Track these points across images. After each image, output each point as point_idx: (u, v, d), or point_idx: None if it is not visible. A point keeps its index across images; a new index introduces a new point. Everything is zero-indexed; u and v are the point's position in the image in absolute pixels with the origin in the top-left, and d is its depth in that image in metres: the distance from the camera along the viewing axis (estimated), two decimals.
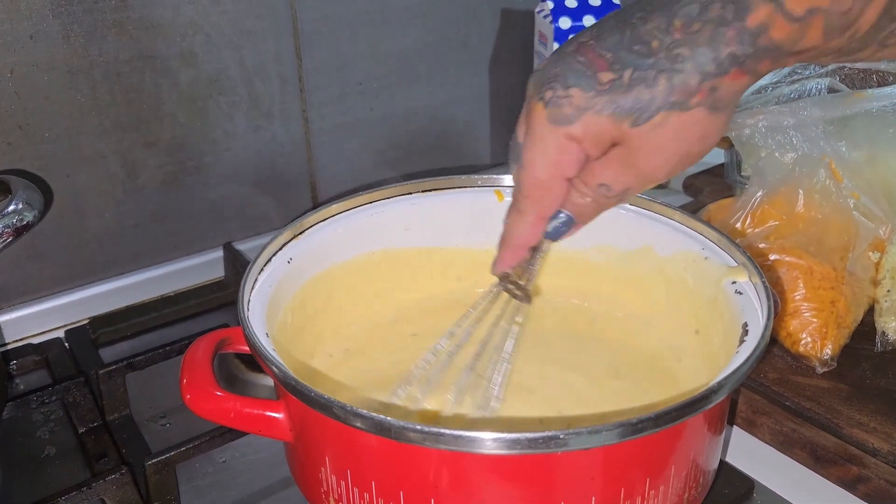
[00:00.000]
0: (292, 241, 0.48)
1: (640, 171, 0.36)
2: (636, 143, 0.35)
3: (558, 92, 0.34)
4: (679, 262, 0.49)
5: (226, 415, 0.38)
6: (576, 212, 0.39)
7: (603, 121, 0.34)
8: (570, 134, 0.35)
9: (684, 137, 0.34)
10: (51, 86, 0.62)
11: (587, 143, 0.35)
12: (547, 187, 0.37)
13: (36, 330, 0.66)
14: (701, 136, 0.35)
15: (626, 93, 0.34)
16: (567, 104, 0.34)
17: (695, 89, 0.33)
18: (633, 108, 0.34)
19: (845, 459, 0.49)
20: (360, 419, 0.33)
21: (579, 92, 0.34)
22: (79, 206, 0.66)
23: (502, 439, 0.31)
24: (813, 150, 0.59)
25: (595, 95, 0.34)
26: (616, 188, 0.37)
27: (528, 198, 0.38)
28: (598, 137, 0.35)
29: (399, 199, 0.53)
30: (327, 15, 0.73)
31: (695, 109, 0.34)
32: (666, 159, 0.35)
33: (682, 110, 0.34)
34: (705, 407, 0.34)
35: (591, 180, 0.37)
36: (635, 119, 0.34)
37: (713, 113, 0.34)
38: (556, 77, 0.35)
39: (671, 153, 0.35)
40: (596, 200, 0.38)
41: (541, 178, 0.37)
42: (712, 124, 0.34)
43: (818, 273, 0.57)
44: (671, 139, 0.34)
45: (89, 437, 0.53)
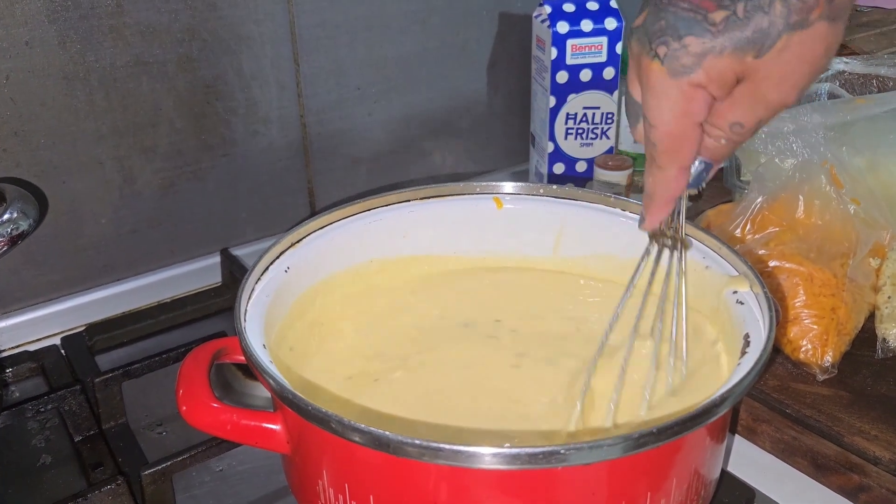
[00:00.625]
0: (289, 249, 0.48)
1: (770, 101, 0.35)
2: (763, 74, 0.34)
3: (672, 45, 0.34)
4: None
5: (222, 427, 0.38)
6: (712, 156, 0.38)
7: (725, 60, 0.33)
8: (694, 81, 0.34)
9: (810, 55, 0.33)
10: (47, 92, 0.62)
11: (713, 86, 0.34)
12: (683, 138, 0.36)
13: (32, 337, 0.65)
14: (826, 49, 0.34)
15: (744, 26, 0.33)
16: (684, 54, 0.34)
17: (813, 4, 0.32)
18: (754, 40, 0.33)
19: (846, 468, 0.49)
20: (357, 433, 0.32)
21: (694, 39, 0.33)
22: (75, 212, 0.66)
23: (501, 454, 0.31)
24: (813, 155, 0.59)
25: (712, 38, 0.33)
26: (749, 123, 0.36)
27: (667, 152, 0.37)
28: (722, 78, 0.34)
29: (397, 207, 0.52)
30: (325, 20, 0.73)
31: (816, 24, 0.33)
32: (795, 82, 0.34)
33: (804, 28, 0.33)
34: (708, 420, 0.34)
35: (722, 122, 0.36)
36: (758, 50, 0.33)
37: (833, 23, 0.33)
38: (663, 30, 0.34)
39: (800, 74, 0.34)
40: (730, 140, 0.37)
41: (675, 132, 0.36)
42: (834, 35, 0.33)
43: (819, 280, 0.57)
44: (798, 60, 0.33)
45: (85, 446, 0.53)
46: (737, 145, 0.38)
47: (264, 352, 0.38)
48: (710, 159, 0.38)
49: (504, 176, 0.90)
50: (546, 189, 0.54)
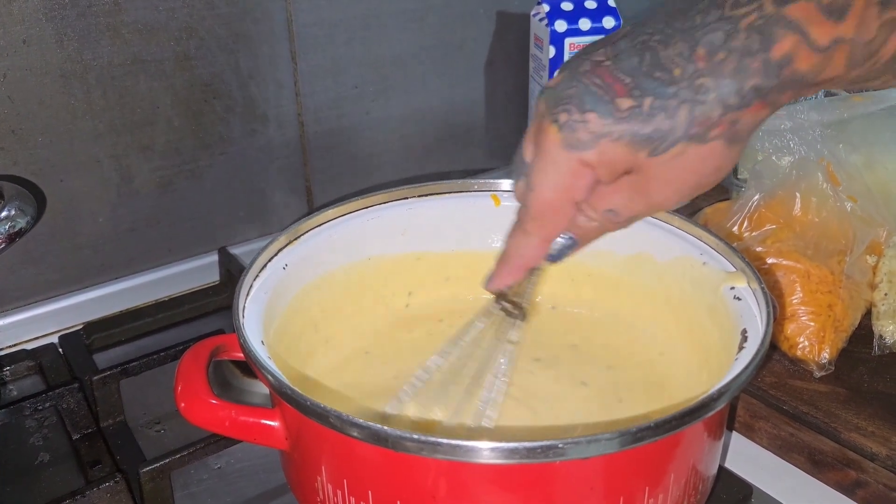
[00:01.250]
0: (287, 247, 0.48)
1: (650, 200, 0.35)
2: (651, 173, 0.34)
3: (574, 116, 0.34)
4: (677, 267, 0.48)
5: (221, 423, 0.38)
6: (579, 234, 0.38)
7: (619, 149, 0.33)
8: (585, 160, 0.34)
9: (699, 169, 0.34)
10: (44, 90, 0.62)
11: (600, 170, 0.35)
12: (556, 211, 0.37)
13: (29, 335, 0.65)
14: (715, 169, 0.34)
15: (645, 122, 0.33)
16: (583, 129, 0.33)
17: (716, 122, 0.32)
18: (651, 138, 0.33)
19: (843, 464, 0.49)
20: (356, 429, 0.32)
21: (596, 117, 0.33)
22: (73, 210, 0.66)
23: (500, 449, 0.31)
24: (810, 153, 0.59)
25: (613, 122, 0.33)
26: (624, 214, 0.36)
27: (536, 220, 0.37)
28: (612, 165, 0.34)
29: (395, 204, 0.52)
30: (323, 19, 0.73)
31: (713, 142, 0.33)
32: (678, 189, 0.35)
33: (700, 143, 0.33)
34: (705, 415, 0.34)
35: (599, 205, 0.36)
36: (653, 149, 0.33)
37: (730, 145, 0.33)
38: (570, 98, 0.34)
39: (684, 184, 0.34)
40: (602, 224, 0.37)
41: (551, 202, 0.36)
42: (728, 157, 0.34)
43: (816, 277, 0.57)
44: (686, 170, 0.34)
45: (83, 444, 0.53)
46: (605, 231, 0.38)
47: (262, 348, 0.38)
48: (578, 238, 0.38)
49: (502, 174, 0.90)
50: None
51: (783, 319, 0.56)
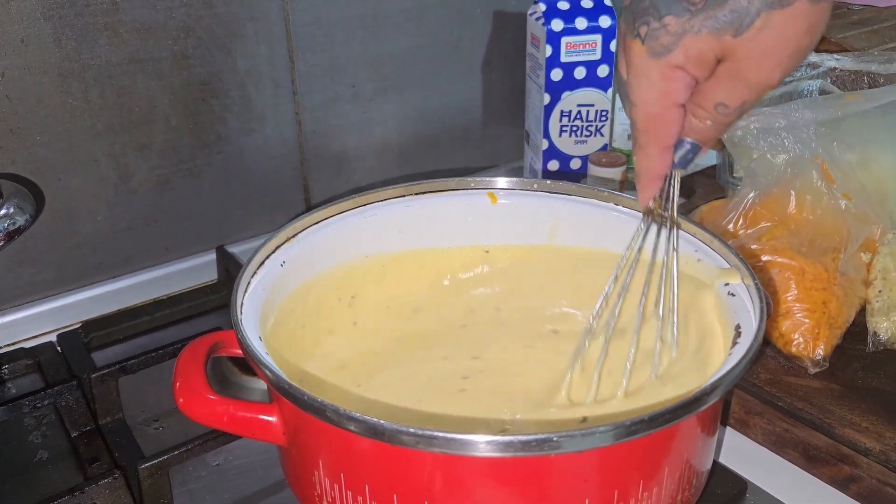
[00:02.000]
0: (285, 244, 0.48)
1: (752, 81, 0.35)
2: (742, 53, 0.34)
3: (653, 25, 0.34)
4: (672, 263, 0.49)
5: (219, 418, 0.38)
6: (699, 137, 0.38)
7: (703, 40, 0.33)
8: (673, 62, 0.34)
9: (791, 34, 0.33)
10: (42, 89, 0.62)
11: (692, 67, 0.35)
12: (662, 119, 0.37)
13: (28, 334, 0.65)
14: (808, 29, 0.33)
15: (721, 5, 0.33)
16: (664, 34, 0.34)
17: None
18: (731, 19, 0.33)
19: (837, 459, 0.49)
20: (353, 422, 0.33)
21: (673, 19, 0.34)
22: (71, 209, 0.66)
23: (495, 442, 0.31)
24: (805, 151, 0.60)
25: (690, 17, 0.33)
26: (733, 104, 0.36)
27: (646, 132, 0.38)
28: (701, 58, 0.34)
29: (392, 202, 0.53)
30: (320, 18, 0.73)
31: (796, 3, 0.32)
32: (776, 62, 0.34)
33: (783, 6, 0.32)
34: (699, 409, 0.34)
35: (706, 102, 0.36)
36: (736, 29, 0.33)
37: (815, 2, 0.33)
38: (647, 10, 0.34)
39: (780, 54, 0.34)
40: (716, 121, 0.37)
41: (654, 112, 0.37)
42: (816, 14, 0.33)
43: (810, 274, 0.57)
44: (778, 38, 0.33)
45: (82, 441, 0.53)
46: (724, 127, 0.38)
47: (260, 343, 0.39)
48: (697, 140, 0.38)
49: (499, 173, 0.91)
50: (540, 184, 0.54)
51: (778, 316, 0.57)
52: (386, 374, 0.47)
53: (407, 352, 0.49)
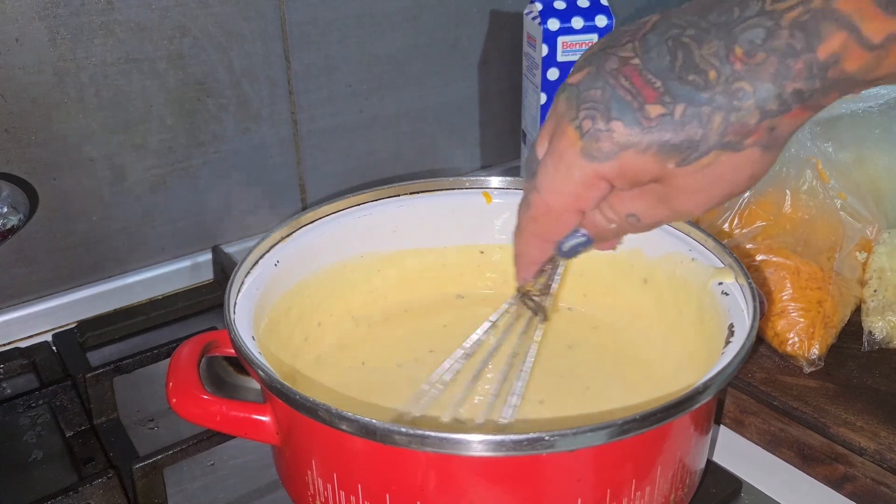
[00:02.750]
0: (280, 243, 0.48)
1: (676, 209, 0.33)
2: (678, 183, 0.31)
3: (598, 124, 0.31)
4: (667, 263, 0.49)
5: (212, 418, 0.38)
6: (596, 234, 0.36)
7: (645, 159, 0.31)
8: (602, 172, 0.32)
9: (732, 178, 0.31)
10: (37, 88, 0.62)
11: (620, 181, 0.32)
12: (560, 219, 0.34)
13: (23, 333, 0.65)
14: (749, 176, 0.32)
15: (676, 131, 0.30)
16: (606, 139, 0.31)
17: (752, 129, 0.30)
18: (682, 147, 0.30)
19: (832, 458, 0.49)
20: (345, 422, 0.32)
21: (622, 126, 0.31)
22: (66, 209, 0.66)
23: (488, 441, 0.31)
24: (800, 150, 0.60)
25: (640, 132, 0.30)
26: (646, 221, 0.34)
27: (536, 222, 0.35)
28: (635, 176, 0.32)
29: (387, 202, 0.53)
30: (316, 17, 0.73)
31: (748, 150, 0.30)
32: (708, 198, 0.32)
33: (734, 151, 0.30)
34: (691, 408, 0.34)
35: (619, 208, 0.34)
36: (683, 159, 0.31)
37: (766, 152, 0.31)
38: (595, 103, 0.31)
39: (715, 192, 0.32)
40: (621, 227, 0.35)
41: (555, 208, 0.34)
42: (763, 163, 0.31)
43: (805, 273, 0.57)
44: (718, 178, 0.31)
45: (77, 441, 0.53)
46: (624, 233, 0.36)
47: (253, 343, 0.39)
48: (594, 237, 0.36)
49: (495, 172, 0.91)
50: None
51: (773, 316, 0.57)
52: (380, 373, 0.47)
53: (403, 351, 0.49)
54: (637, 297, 0.51)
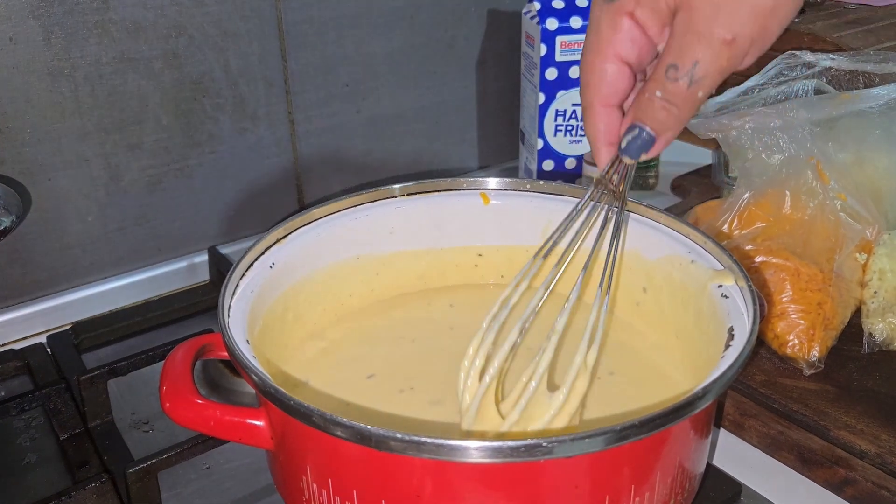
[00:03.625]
0: (275, 245, 0.47)
1: (708, 35, 0.31)
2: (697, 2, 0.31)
3: None
4: (665, 265, 0.48)
5: (206, 423, 0.38)
6: (647, 120, 0.34)
7: None
8: (625, 8, 0.33)
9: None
10: (31, 88, 0.61)
11: (643, 13, 0.32)
12: (602, 71, 0.34)
13: (17, 335, 0.65)
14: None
15: None
16: None
17: None
18: None
19: (832, 462, 0.49)
20: (340, 427, 0.32)
21: None
22: (61, 209, 0.66)
23: (485, 447, 0.31)
24: (800, 151, 0.59)
25: None
26: (684, 65, 0.32)
27: (587, 85, 0.35)
28: (654, 4, 0.32)
29: (384, 203, 0.52)
30: (313, 17, 0.73)
31: None
32: (731, 13, 0.31)
33: None
34: (690, 413, 0.33)
35: (657, 72, 0.33)
36: None
37: None
38: None
39: (736, 6, 0.31)
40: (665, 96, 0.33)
41: (594, 62, 0.34)
42: None
43: (805, 275, 0.57)
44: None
45: (71, 445, 0.53)
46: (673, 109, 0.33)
47: (247, 347, 0.38)
48: (646, 124, 0.34)
49: (493, 173, 0.90)
50: (533, 184, 0.54)
51: (773, 317, 0.56)
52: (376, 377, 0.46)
53: (398, 356, 0.49)
54: (636, 299, 0.51)
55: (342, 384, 0.45)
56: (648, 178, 0.87)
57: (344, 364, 0.47)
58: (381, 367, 0.47)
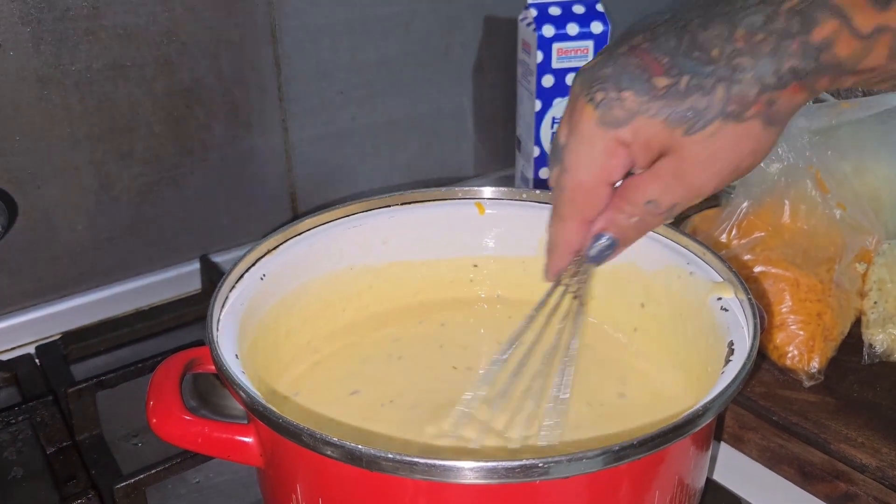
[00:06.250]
0: (265, 256, 0.46)
1: (689, 184, 0.35)
2: (687, 153, 0.34)
3: (610, 94, 0.34)
4: (663, 277, 0.48)
5: (193, 440, 0.37)
6: (619, 234, 0.37)
7: (656, 126, 0.33)
8: (620, 137, 0.34)
9: (736, 149, 0.34)
10: (20, 95, 0.60)
11: (636, 149, 0.34)
12: (591, 192, 0.36)
13: (5, 346, 0.64)
14: (753, 150, 0.34)
15: (682, 99, 0.33)
16: (619, 107, 0.34)
17: (752, 100, 0.33)
18: (687, 116, 0.33)
19: (833, 476, 0.48)
20: (330, 447, 0.31)
21: (633, 95, 0.33)
22: (50, 218, 0.65)
23: (479, 468, 0.30)
24: (799, 160, 0.59)
25: (650, 100, 0.33)
26: (664, 203, 0.36)
27: (571, 202, 0.37)
28: (648, 143, 0.34)
29: (377, 213, 0.51)
30: (307, 23, 0.72)
31: (750, 121, 0.33)
32: (716, 171, 0.34)
33: (737, 121, 0.33)
34: (690, 431, 0.33)
35: (638, 197, 0.36)
36: (689, 127, 0.33)
37: (767, 127, 0.33)
38: (607, 78, 0.34)
39: (722, 165, 0.34)
40: (642, 219, 0.37)
41: (585, 183, 0.36)
42: (765, 138, 0.34)
43: (805, 285, 0.56)
44: (723, 150, 0.34)
45: (58, 458, 0.52)
46: (646, 227, 0.37)
47: (236, 362, 0.37)
48: (617, 237, 0.38)
49: (490, 181, 0.89)
50: (529, 194, 0.53)
51: (772, 328, 0.56)
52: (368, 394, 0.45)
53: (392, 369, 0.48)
54: (634, 312, 0.50)
55: (335, 401, 0.44)
56: None
57: (336, 379, 0.47)
58: (376, 381, 0.46)
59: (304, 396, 0.45)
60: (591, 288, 0.43)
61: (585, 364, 0.49)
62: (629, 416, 0.44)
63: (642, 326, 0.49)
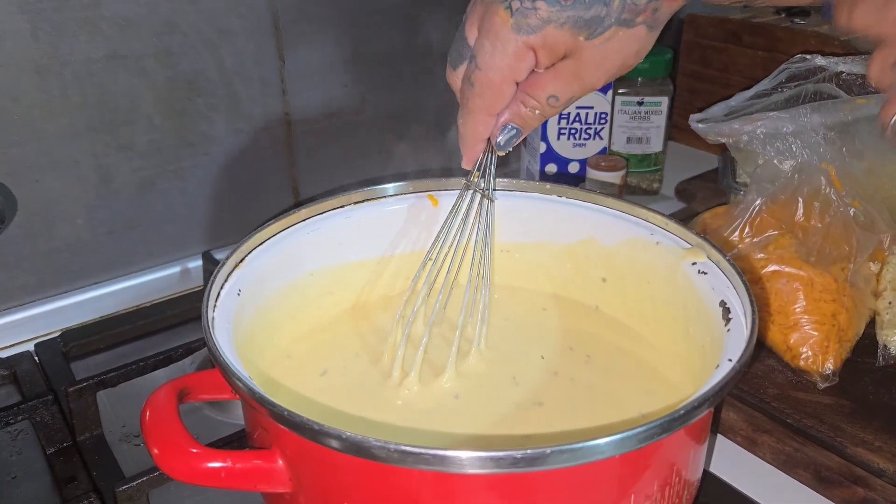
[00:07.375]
0: (235, 270, 0.45)
1: (584, 81, 0.40)
2: (586, 55, 0.39)
3: (525, 3, 0.38)
4: (627, 249, 0.48)
5: (216, 476, 0.34)
6: (523, 124, 0.42)
7: (563, 33, 0.38)
8: (531, 43, 0.38)
9: (625, 51, 0.39)
10: (18, 86, 0.59)
11: (543, 53, 0.39)
12: (499, 89, 0.40)
13: (4, 343, 0.63)
14: (637, 51, 0.40)
15: (586, 9, 0.37)
16: (533, 15, 0.38)
17: (642, 9, 0.38)
18: (590, 23, 0.38)
19: (850, 480, 0.47)
20: (385, 452, 0.30)
21: (545, 6, 0.37)
22: (49, 212, 0.63)
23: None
24: (813, 157, 0.58)
25: (559, 10, 0.37)
26: (563, 97, 0.41)
27: (481, 96, 0.41)
28: (554, 48, 0.39)
29: (332, 214, 0.51)
30: (310, 14, 0.71)
31: (638, 27, 0.39)
32: (607, 70, 0.40)
33: (628, 27, 0.38)
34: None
35: (539, 93, 0.40)
36: (591, 33, 0.38)
37: (650, 31, 0.39)
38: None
39: (612, 65, 0.40)
40: (543, 111, 0.42)
41: (496, 81, 0.40)
42: (647, 41, 0.40)
43: (819, 284, 0.55)
44: (615, 52, 0.39)
45: (58, 459, 0.51)
46: (545, 117, 0.43)
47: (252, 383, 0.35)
48: (521, 126, 0.43)
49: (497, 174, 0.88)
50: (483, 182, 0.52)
51: (786, 328, 0.55)
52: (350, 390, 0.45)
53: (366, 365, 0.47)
54: (602, 287, 0.50)
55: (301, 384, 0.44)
56: (652, 182, 0.85)
57: (316, 384, 0.46)
58: (353, 379, 0.46)
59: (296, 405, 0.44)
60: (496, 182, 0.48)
61: (568, 339, 0.49)
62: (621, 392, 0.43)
63: (615, 300, 0.50)
